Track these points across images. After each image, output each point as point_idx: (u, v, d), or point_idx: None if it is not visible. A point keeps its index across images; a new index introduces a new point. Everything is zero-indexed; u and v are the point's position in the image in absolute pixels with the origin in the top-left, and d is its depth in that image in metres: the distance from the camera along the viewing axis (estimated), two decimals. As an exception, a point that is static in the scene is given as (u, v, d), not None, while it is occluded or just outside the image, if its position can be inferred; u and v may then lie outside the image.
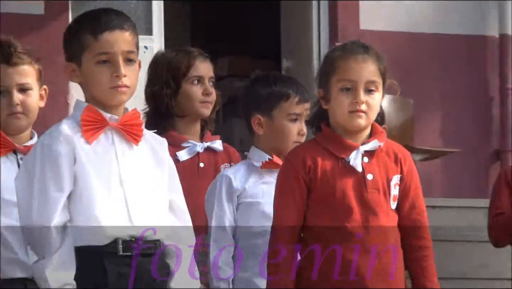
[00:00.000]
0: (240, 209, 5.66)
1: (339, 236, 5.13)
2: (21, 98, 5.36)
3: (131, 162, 4.81)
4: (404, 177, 5.23)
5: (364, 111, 5.05)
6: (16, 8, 9.40)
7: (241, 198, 5.60)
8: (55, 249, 4.65)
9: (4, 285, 5.43)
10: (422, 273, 5.30)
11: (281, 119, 5.74)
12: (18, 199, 4.83)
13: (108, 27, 4.68)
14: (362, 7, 10.43)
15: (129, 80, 4.67)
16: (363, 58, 5.05)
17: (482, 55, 10.46)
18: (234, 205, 5.60)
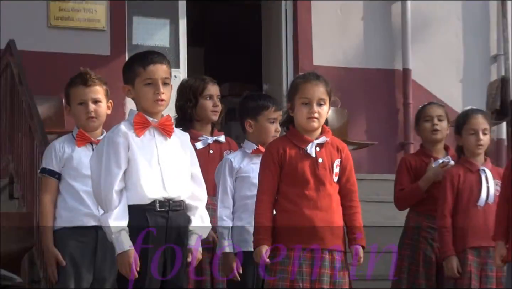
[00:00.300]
0: (237, 181, 5.89)
1: (300, 198, 5.27)
2: (94, 108, 5.74)
3: (166, 149, 5.02)
4: (342, 161, 5.43)
5: (316, 118, 5.32)
6: (92, 50, 9.46)
7: (238, 174, 5.91)
8: (115, 206, 4.79)
9: (83, 230, 5.60)
10: (352, 223, 5.37)
11: (263, 122, 5.97)
12: (92, 173, 5.04)
13: (152, 61, 5.01)
14: (315, 50, 10.41)
15: (165, 96, 5.00)
16: (316, 83, 5.37)
17: (392, 81, 10.49)
18: (233, 178, 5.79)
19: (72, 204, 5.65)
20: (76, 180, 5.66)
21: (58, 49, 9.54)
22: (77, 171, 5.67)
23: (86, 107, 5.75)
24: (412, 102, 10.05)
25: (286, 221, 5.27)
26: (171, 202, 4.92)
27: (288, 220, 5.27)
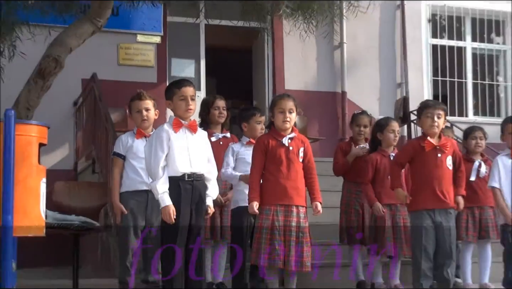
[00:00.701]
0: (237, 161, 5.74)
1: (277, 172, 5.19)
2: (146, 114, 5.59)
3: (192, 141, 4.91)
4: (305, 149, 5.33)
5: (288, 121, 5.25)
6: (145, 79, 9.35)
7: (237, 156, 5.68)
8: (160, 177, 4.75)
9: (138, 192, 5.55)
10: (312, 188, 5.29)
11: (253, 124, 5.86)
12: (145, 155, 5.03)
13: (184, 85, 4.94)
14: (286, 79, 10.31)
15: (192, 107, 4.94)
16: (287, 99, 5.30)
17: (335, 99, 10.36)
18: (234, 159, 5.59)
19: (132, 175, 5.57)
20: (135, 160, 5.57)
21: (123, 79, 9.45)
22: (136, 154, 5.57)
23: (141, 114, 5.67)
24: (347, 113, 9.94)
25: (269, 186, 5.19)
26: (195, 174, 4.86)
27: (270, 186, 5.19)
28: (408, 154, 5.69)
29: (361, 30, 10.65)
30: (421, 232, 5.43)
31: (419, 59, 11.00)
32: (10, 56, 7.12)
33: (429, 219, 5.47)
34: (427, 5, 11.17)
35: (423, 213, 5.48)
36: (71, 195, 6.35)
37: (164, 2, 8.39)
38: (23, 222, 3.92)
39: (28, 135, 4.06)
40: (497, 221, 6.34)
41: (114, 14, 8.64)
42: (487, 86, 11.49)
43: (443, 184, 5.57)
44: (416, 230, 5.52)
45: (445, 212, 5.53)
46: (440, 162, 5.59)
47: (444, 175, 5.59)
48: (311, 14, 7.29)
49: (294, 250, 5.07)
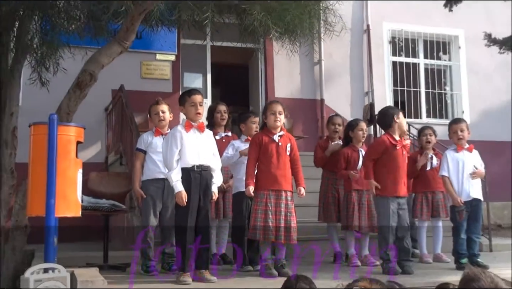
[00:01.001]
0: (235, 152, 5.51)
1: (269, 163, 5.21)
2: (162, 115, 5.60)
3: (201, 139, 4.93)
4: (291, 144, 5.38)
5: (278, 121, 5.21)
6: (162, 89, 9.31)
7: (237, 150, 5.54)
8: (174, 168, 4.77)
9: (157, 180, 5.44)
10: (297, 176, 5.31)
11: (249, 124, 5.86)
12: (162, 150, 5.02)
13: (193, 93, 4.98)
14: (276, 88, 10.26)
15: (201, 112, 4.95)
16: (277, 104, 5.38)
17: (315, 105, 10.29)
18: (234, 151, 5.50)
19: (151, 166, 5.50)
20: (154, 154, 5.49)
21: (146, 89, 9.38)
22: (155, 149, 5.49)
23: (158, 115, 5.61)
24: (325, 116, 9.86)
25: (262, 175, 5.20)
26: (202, 166, 4.85)
27: (263, 174, 5.19)
28: (380, 152, 5.57)
29: (336, 49, 10.56)
30: (389, 214, 5.39)
31: (382, 73, 10.93)
32: (55, 71, 7.09)
33: (395, 203, 5.46)
34: (388, 30, 11.12)
35: (391, 199, 5.44)
36: (102, 183, 6.29)
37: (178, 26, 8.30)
38: (63, 205, 3.90)
39: (67, 135, 4.06)
40: (446, 203, 6.34)
41: (138, 37, 8.52)
42: (437, 94, 11.44)
43: (404, 175, 5.63)
44: (385, 212, 5.44)
45: (404, 197, 5.58)
46: (404, 158, 5.65)
47: (405, 168, 5.65)
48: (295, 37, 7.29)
49: (283, 227, 5.06)
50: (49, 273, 3.62)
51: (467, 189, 5.81)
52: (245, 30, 7.08)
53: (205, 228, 4.83)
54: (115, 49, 6.17)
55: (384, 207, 5.46)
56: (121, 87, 8.37)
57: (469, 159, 5.91)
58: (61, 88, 6.50)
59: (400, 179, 5.52)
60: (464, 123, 6.04)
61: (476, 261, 5.67)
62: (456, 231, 5.80)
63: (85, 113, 7.42)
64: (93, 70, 6.00)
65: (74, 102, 6.01)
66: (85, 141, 4.31)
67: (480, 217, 5.98)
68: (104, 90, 8.89)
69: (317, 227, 6.75)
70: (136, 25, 6.08)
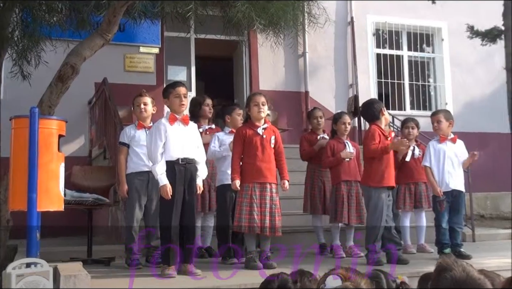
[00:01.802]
0: (220, 147, 5.53)
1: (254, 156, 5.22)
2: (144, 107, 5.60)
3: (185, 132, 4.90)
4: (275, 137, 5.39)
5: (262, 112, 5.23)
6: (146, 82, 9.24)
7: (221, 143, 5.58)
8: (159, 161, 4.75)
9: (141, 173, 5.42)
10: (281, 168, 5.34)
11: (234, 116, 5.82)
12: (147, 143, 5.06)
13: (178, 85, 4.96)
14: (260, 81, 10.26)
15: (185, 104, 4.93)
16: (260, 95, 5.37)
17: (299, 97, 10.28)
18: (219, 144, 5.52)
19: (135, 160, 5.46)
20: (137, 147, 5.45)
21: (129, 82, 9.29)
22: (138, 142, 5.46)
23: (139, 107, 5.55)
24: (309, 108, 9.82)
25: (247, 168, 5.19)
26: (187, 159, 4.83)
27: (248, 167, 5.18)
28: (378, 137, 5.51)
29: (320, 42, 10.58)
30: (383, 205, 5.41)
31: (366, 65, 10.93)
32: (36, 64, 7.04)
33: (387, 193, 5.50)
34: (372, 22, 11.11)
35: (385, 189, 5.47)
36: (86, 177, 6.25)
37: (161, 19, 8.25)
38: (46, 199, 3.87)
39: (49, 128, 4.02)
40: (429, 193, 6.38)
41: (121, 30, 8.54)
42: (420, 86, 11.49)
43: (393, 166, 5.67)
44: (378, 203, 5.43)
45: (392, 187, 5.64)
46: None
47: (393, 159, 5.69)
48: (279, 29, 7.27)
49: (268, 219, 5.08)
50: (31, 268, 3.56)
51: (447, 179, 5.85)
52: (229, 23, 7.06)
53: (191, 226, 4.81)
54: (97, 41, 6.12)
55: (378, 197, 5.44)
56: (104, 80, 8.30)
57: (451, 149, 5.93)
58: (42, 81, 6.44)
59: (391, 169, 5.57)
60: (442, 114, 6.05)
61: (459, 251, 5.71)
62: (438, 222, 5.83)
63: (67, 107, 7.38)
64: (75, 63, 5.95)
65: (56, 95, 5.96)
66: (68, 135, 4.28)
67: (462, 207, 6.01)
68: (87, 83, 8.81)
69: (302, 219, 6.77)
70: (119, 17, 6.03)
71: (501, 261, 5.34)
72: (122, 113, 7.81)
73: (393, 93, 11.12)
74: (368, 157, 5.64)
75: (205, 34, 8.96)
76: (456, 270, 1.97)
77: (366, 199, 5.72)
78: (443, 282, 1.97)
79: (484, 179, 10.25)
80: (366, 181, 5.62)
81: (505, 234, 7.93)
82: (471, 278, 1.96)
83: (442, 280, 1.98)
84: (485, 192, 10.63)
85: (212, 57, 11.55)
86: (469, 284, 1.94)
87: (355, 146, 6.38)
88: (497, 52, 10.24)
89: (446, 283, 1.96)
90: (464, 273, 1.96)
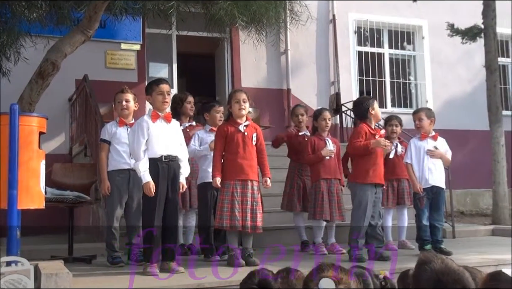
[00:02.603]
0: (201, 145, 5.50)
1: (235, 153, 5.20)
2: (126, 104, 5.54)
3: (167, 129, 4.86)
4: (257, 134, 5.36)
5: (243, 109, 5.24)
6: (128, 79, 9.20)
7: (201, 141, 5.58)
8: (141, 158, 4.71)
9: (122, 171, 5.40)
10: (263, 165, 5.31)
11: (213, 113, 5.77)
12: (129, 141, 5.07)
13: (161, 82, 4.92)
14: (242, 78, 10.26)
15: (168, 101, 4.90)
16: (241, 92, 5.34)
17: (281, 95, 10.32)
18: (199, 143, 5.53)
19: (116, 157, 5.40)
20: (118, 145, 5.40)
21: (110, 79, 9.26)
22: (119, 140, 5.41)
23: (121, 104, 5.51)
24: (291, 106, 9.87)
25: (229, 165, 5.18)
26: (170, 156, 4.81)
27: (230, 165, 5.18)
28: (363, 135, 5.49)
29: (302, 39, 10.63)
30: (367, 202, 5.41)
31: (347, 63, 11.01)
32: (16, 60, 6.99)
33: (373, 190, 5.50)
34: (354, 20, 11.19)
35: (371, 186, 5.47)
36: (66, 174, 6.18)
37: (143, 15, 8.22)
38: (26, 196, 3.84)
39: (30, 125, 3.99)
40: (410, 190, 6.42)
41: (102, 26, 8.53)
42: (401, 84, 11.59)
43: (382, 163, 5.66)
44: (362, 200, 5.43)
45: (380, 185, 5.62)
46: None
47: (382, 157, 5.70)
48: (261, 26, 7.29)
49: (249, 216, 5.08)
50: (12, 266, 3.50)
51: (426, 176, 5.90)
52: (211, 20, 7.06)
53: (173, 223, 4.80)
54: (78, 38, 6.09)
55: (363, 194, 5.44)
56: (85, 77, 8.24)
57: (432, 147, 5.97)
58: (22, 78, 6.40)
59: (378, 166, 5.55)
60: (423, 112, 6.11)
61: (439, 247, 5.77)
62: (418, 218, 5.90)
63: (48, 104, 7.35)
64: (56, 59, 5.91)
65: (36, 92, 5.92)
66: (48, 132, 4.25)
67: (442, 204, 6.06)
68: (68, 80, 8.78)
69: (284, 216, 6.79)
70: (100, 13, 6.01)
71: (481, 257, 5.41)
72: (103, 110, 7.77)
73: (374, 91, 11.18)
74: (350, 153, 5.70)
75: (187, 31, 8.94)
76: (436, 262, 2.05)
77: (352, 196, 5.72)
78: (423, 274, 2.04)
79: (464, 176, 10.38)
80: (352, 177, 5.64)
81: (484, 231, 8.06)
82: (450, 269, 2.03)
83: (422, 272, 2.05)
84: (465, 188, 10.78)
85: (194, 54, 11.55)
86: (448, 274, 2.00)
87: (336, 143, 6.37)
88: (477, 51, 10.39)
89: (426, 274, 2.03)
90: (443, 264, 2.04)
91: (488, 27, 9.10)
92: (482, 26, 9.26)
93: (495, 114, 8.95)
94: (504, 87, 11.91)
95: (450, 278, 2.00)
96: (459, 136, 10.73)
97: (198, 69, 11.72)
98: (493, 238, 7.71)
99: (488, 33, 9.10)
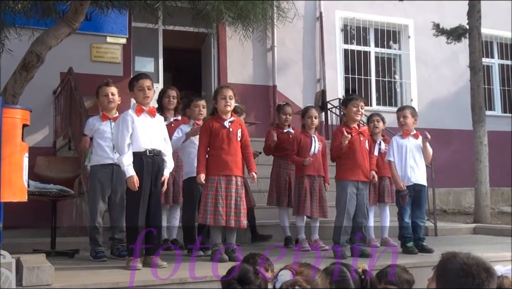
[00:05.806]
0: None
1: (220, 149, 5.19)
2: (112, 97, 5.54)
3: (151, 123, 4.86)
4: (242, 130, 5.36)
5: (229, 105, 5.24)
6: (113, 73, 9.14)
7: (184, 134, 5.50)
8: (125, 152, 4.69)
9: (105, 165, 5.40)
10: (248, 161, 5.30)
11: (193, 108, 5.92)
12: (113, 135, 5.07)
13: (142, 78, 4.90)
14: (228, 74, 10.25)
15: (149, 95, 4.84)
16: (227, 88, 5.33)
17: (267, 91, 10.34)
18: (183, 135, 5.47)
19: (99, 152, 5.41)
20: (101, 140, 5.41)
21: (95, 72, 9.22)
22: (102, 135, 5.42)
23: (107, 97, 5.50)
24: (277, 102, 9.88)
25: (213, 160, 5.18)
26: (155, 150, 4.80)
27: (214, 160, 5.17)
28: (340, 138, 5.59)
29: (289, 36, 10.66)
30: (346, 198, 5.44)
31: (334, 60, 11.06)
32: (0, 52, 6.90)
33: (354, 187, 5.51)
34: (340, 18, 11.25)
35: (350, 183, 5.49)
36: (50, 168, 6.15)
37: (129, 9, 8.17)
38: (8, 190, 3.80)
39: (13, 117, 3.94)
40: (392, 188, 6.47)
41: (88, 19, 8.48)
42: (387, 82, 11.69)
43: (365, 161, 5.67)
44: (342, 196, 5.48)
45: (364, 182, 5.62)
46: (363, 144, 5.71)
47: (364, 154, 5.70)
48: (248, 22, 7.27)
49: (233, 212, 5.08)
50: (-7, 259, 3.54)
51: (409, 173, 5.94)
52: (198, 15, 7.03)
53: (157, 218, 4.81)
54: (63, 30, 6.05)
55: (343, 190, 5.49)
56: (70, 70, 8.20)
57: (413, 145, 6.02)
58: (6, 70, 6.35)
59: (359, 163, 5.57)
60: (408, 110, 6.15)
61: (421, 244, 5.82)
62: (400, 216, 5.93)
63: (32, 96, 7.29)
64: (40, 51, 5.87)
65: (20, 84, 5.87)
66: (32, 125, 4.22)
67: (424, 202, 6.10)
68: (52, 73, 8.74)
69: (269, 212, 6.81)
70: (85, 6, 5.97)
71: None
72: (88, 104, 7.72)
73: (360, 89, 11.25)
74: (332, 156, 5.79)
75: (174, 26, 8.93)
76: (463, 255, 2.17)
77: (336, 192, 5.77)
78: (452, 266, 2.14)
79: (447, 175, 10.47)
80: (336, 176, 5.68)
81: (466, 229, 8.16)
82: (478, 259, 2.15)
83: (449, 263, 2.15)
84: (448, 187, 10.87)
85: (181, 49, 11.52)
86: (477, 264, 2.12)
87: (322, 140, 6.41)
88: (462, 51, 10.48)
89: (454, 266, 2.13)
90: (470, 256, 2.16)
91: (473, 28, 9.18)
92: (467, 27, 9.34)
93: (478, 114, 9.05)
94: (488, 87, 12.04)
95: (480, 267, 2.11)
96: (443, 136, 10.83)
97: (184, 64, 11.69)
98: (474, 236, 7.80)
99: (473, 33, 9.18)
